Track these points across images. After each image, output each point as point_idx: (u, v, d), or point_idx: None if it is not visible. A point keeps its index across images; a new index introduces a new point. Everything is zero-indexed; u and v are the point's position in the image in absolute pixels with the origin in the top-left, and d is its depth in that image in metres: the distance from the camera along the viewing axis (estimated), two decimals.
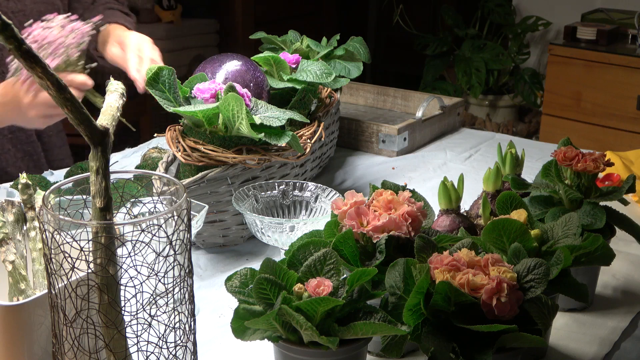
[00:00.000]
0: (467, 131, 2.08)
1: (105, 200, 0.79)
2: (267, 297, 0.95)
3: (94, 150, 0.80)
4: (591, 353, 1.13)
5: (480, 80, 3.90)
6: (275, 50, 1.70)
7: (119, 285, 0.81)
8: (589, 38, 3.41)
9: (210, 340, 1.15)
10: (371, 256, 1.06)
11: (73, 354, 0.83)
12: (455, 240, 1.07)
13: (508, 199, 1.17)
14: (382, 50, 4.69)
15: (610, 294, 1.30)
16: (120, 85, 0.90)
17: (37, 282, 1.06)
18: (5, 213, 1.07)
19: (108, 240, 0.79)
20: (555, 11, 3.95)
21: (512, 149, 1.39)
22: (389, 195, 1.08)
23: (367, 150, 1.90)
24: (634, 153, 1.84)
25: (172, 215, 0.82)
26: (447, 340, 0.91)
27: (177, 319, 0.86)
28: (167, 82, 1.36)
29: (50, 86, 0.74)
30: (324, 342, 0.91)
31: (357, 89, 2.22)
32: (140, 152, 1.85)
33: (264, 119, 1.33)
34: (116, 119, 0.85)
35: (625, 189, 1.25)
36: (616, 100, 3.32)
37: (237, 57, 1.47)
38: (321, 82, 1.50)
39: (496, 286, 0.90)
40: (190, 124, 1.37)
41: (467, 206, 1.38)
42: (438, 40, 4.15)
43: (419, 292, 0.92)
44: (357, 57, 1.72)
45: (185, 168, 1.39)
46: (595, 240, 1.07)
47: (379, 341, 1.01)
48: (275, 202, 1.29)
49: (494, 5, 4.05)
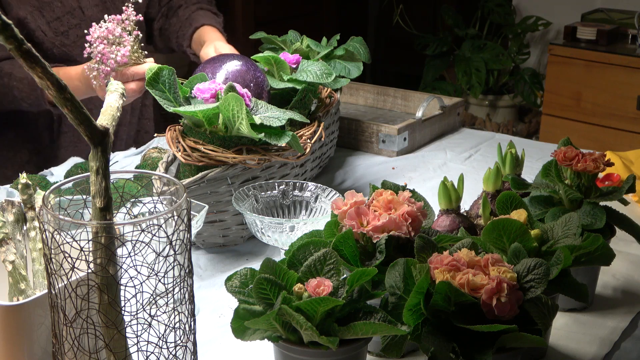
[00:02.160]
0: (467, 131, 2.08)
1: (105, 200, 0.79)
2: (267, 297, 0.95)
3: (94, 150, 0.80)
4: (591, 353, 1.13)
5: (480, 80, 3.90)
6: (275, 50, 1.70)
7: (119, 285, 0.81)
8: (589, 38, 3.41)
9: (210, 340, 1.15)
10: (371, 256, 1.06)
11: (73, 354, 0.83)
12: (455, 240, 1.07)
13: (508, 199, 1.17)
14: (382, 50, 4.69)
15: (610, 294, 1.30)
16: (120, 85, 0.90)
17: (37, 282, 1.06)
18: (5, 213, 1.07)
19: (108, 240, 0.79)
20: (555, 11, 3.95)
21: (512, 149, 1.39)
22: (389, 195, 1.08)
23: (367, 150, 1.90)
24: (634, 153, 1.84)
25: (172, 215, 0.82)
26: (447, 340, 0.91)
27: (177, 319, 0.86)
28: (167, 82, 1.36)
29: (50, 86, 0.74)
30: (324, 342, 0.91)
31: (357, 89, 2.22)
32: (141, 152, 1.85)
33: (264, 119, 1.33)
34: (116, 119, 0.85)
35: (625, 189, 1.25)
36: (616, 100, 3.32)
37: (237, 57, 1.47)
38: (321, 83, 1.50)
39: (496, 286, 0.90)
40: (190, 124, 1.37)
41: (467, 206, 1.38)
42: (438, 40, 4.15)
43: (419, 292, 0.92)
44: (357, 57, 1.72)
45: (185, 168, 1.39)
46: (595, 240, 1.07)
47: (379, 341, 1.01)
48: (275, 202, 1.30)
49: (494, 5, 4.05)
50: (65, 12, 1.81)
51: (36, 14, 1.77)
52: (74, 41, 1.82)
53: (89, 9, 1.85)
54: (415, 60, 4.39)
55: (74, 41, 1.82)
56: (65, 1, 1.81)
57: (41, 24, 1.78)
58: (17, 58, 0.72)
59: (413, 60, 4.41)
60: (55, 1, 1.80)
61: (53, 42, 1.80)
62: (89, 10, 1.85)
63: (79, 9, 1.83)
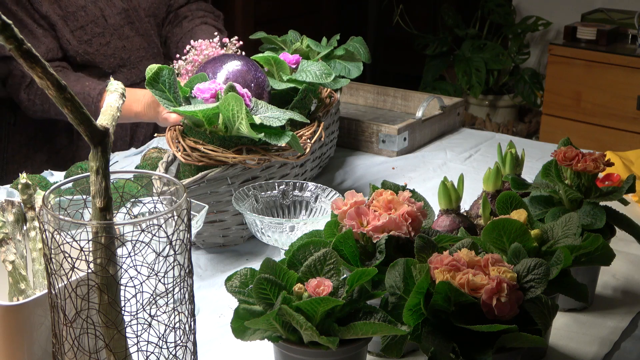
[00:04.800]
0: (467, 131, 2.08)
1: (105, 200, 0.79)
2: (267, 297, 0.95)
3: (94, 150, 0.80)
4: (591, 353, 1.13)
5: (480, 80, 3.90)
6: (275, 50, 1.70)
7: (119, 285, 0.81)
8: (589, 38, 3.41)
9: (210, 340, 1.15)
10: (371, 256, 1.06)
11: (73, 354, 0.83)
12: (455, 240, 1.07)
13: (508, 199, 1.17)
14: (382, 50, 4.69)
15: (610, 294, 1.30)
16: (120, 85, 0.90)
17: (37, 282, 1.06)
18: (5, 213, 1.07)
19: (108, 240, 0.79)
20: (555, 11, 3.95)
21: (512, 149, 1.39)
22: (389, 195, 1.08)
23: (367, 150, 1.90)
24: (634, 153, 1.84)
25: (172, 215, 0.82)
26: (447, 340, 0.91)
27: (177, 319, 0.86)
28: (167, 82, 1.36)
29: (50, 86, 0.74)
30: (324, 342, 0.91)
31: (357, 89, 2.22)
32: (141, 152, 1.85)
33: (264, 119, 1.33)
34: (116, 119, 0.85)
35: (625, 189, 1.25)
36: (616, 100, 3.32)
37: (238, 57, 1.47)
38: (321, 83, 1.50)
39: (496, 286, 0.90)
40: (190, 123, 1.37)
41: (467, 206, 1.38)
42: (438, 40, 4.15)
43: (419, 292, 0.92)
44: (357, 57, 1.72)
45: (185, 168, 1.39)
46: (595, 240, 1.07)
47: (379, 341, 1.01)
48: (275, 202, 1.30)
49: (494, 5, 4.05)
50: (89, 21, 1.84)
51: (60, 23, 1.79)
52: (97, 49, 1.85)
53: (112, 17, 1.87)
54: (415, 60, 4.39)
55: (97, 49, 1.85)
56: (89, 10, 1.84)
57: (65, 33, 1.80)
58: (17, 58, 0.72)
59: (413, 60, 4.41)
60: (79, 11, 1.82)
61: (77, 50, 1.82)
62: (112, 19, 1.87)
63: (102, 18, 1.85)
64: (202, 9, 2.07)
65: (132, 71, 1.93)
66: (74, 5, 1.82)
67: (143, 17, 1.94)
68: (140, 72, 1.94)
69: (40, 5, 1.78)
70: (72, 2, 1.82)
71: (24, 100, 1.85)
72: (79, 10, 1.82)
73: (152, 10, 1.97)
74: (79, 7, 1.82)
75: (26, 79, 1.82)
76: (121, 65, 1.91)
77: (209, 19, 2.05)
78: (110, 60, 1.89)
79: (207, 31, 1.98)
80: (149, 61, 1.91)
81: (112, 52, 1.89)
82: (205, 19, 2.04)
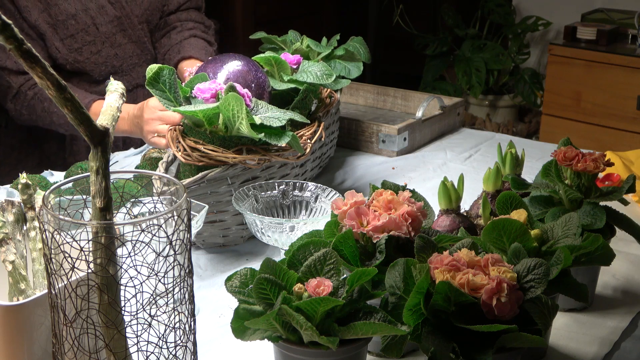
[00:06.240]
0: (467, 131, 2.08)
1: (105, 200, 0.79)
2: (267, 297, 0.95)
3: (94, 150, 0.80)
4: (591, 353, 1.13)
5: (480, 80, 3.90)
6: (276, 50, 1.70)
7: (119, 285, 0.81)
8: (589, 38, 3.41)
9: (210, 340, 1.15)
10: (371, 256, 1.06)
11: (73, 354, 0.83)
12: (455, 240, 1.07)
13: (508, 199, 1.17)
14: (382, 50, 4.69)
15: (610, 294, 1.30)
16: (120, 85, 0.90)
17: (37, 282, 1.06)
18: (5, 213, 1.07)
19: (108, 240, 0.78)
20: (555, 11, 3.95)
21: (512, 149, 1.39)
22: (389, 195, 1.08)
23: (367, 150, 1.90)
24: (634, 153, 1.84)
25: (172, 215, 0.82)
26: (447, 340, 0.91)
27: (177, 319, 0.86)
28: (168, 82, 1.36)
29: (50, 86, 0.74)
30: (324, 342, 0.91)
31: (357, 89, 2.22)
32: (141, 152, 1.85)
33: (264, 119, 1.33)
34: (116, 119, 0.85)
35: (625, 189, 1.25)
36: (616, 100, 3.32)
37: (238, 58, 1.47)
38: (322, 84, 1.50)
39: (496, 286, 0.90)
40: (190, 123, 1.37)
41: (467, 206, 1.38)
42: (438, 40, 4.15)
43: (419, 292, 0.92)
44: (357, 57, 1.72)
45: (185, 168, 1.39)
46: (595, 240, 1.07)
47: (379, 341, 1.01)
48: (275, 202, 1.30)
49: (494, 5, 4.05)
50: (80, 30, 1.81)
51: (50, 31, 1.78)
52: (88, 57, 1.83)
53: (104, 25, 1.85)
54: (415, 60, 4.39)
55: (87, 57, 1.83)
56: (79, 19, 1.81)
57: (55, 41, 1.79)
58: (17, 58, 0.72)
59: (413, 60, 4.41)
60: (70, 19, 1.80)
61: (66, 58, 1.80)
62: (103, 27, 1.84)
63: (93, 26, 1.83)
64: (192, 20, 2.02)
65: (124, 78, 1.91)
66: (64, 13, 1.79)
67: (136, 24, 1.91)
68: (133, 79, 1.92)
69: (29, 14, 1.76)
70: (62, 11, 1.79)
71: (10, 109, 1.83)
72: (69, 19, 1.80)
73: (145, 16, 1.93)
74: (69, 15, 1.80)
75: (12, 90, 1.80)
76: (113, 72, 1.88)
77: (198, 31, 2.00)
78: (102, 68, 1.87)
79: (195, 45, 1.94)
80: (143, 68, 1.89)
81: (104, 60, 1.87)
82: (194, 31, 1.99)
